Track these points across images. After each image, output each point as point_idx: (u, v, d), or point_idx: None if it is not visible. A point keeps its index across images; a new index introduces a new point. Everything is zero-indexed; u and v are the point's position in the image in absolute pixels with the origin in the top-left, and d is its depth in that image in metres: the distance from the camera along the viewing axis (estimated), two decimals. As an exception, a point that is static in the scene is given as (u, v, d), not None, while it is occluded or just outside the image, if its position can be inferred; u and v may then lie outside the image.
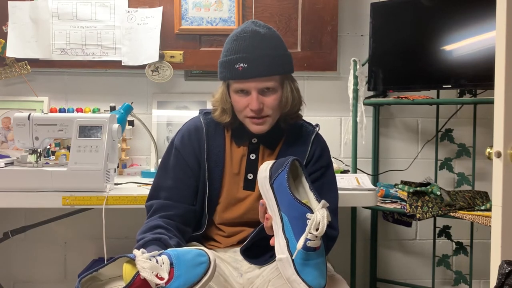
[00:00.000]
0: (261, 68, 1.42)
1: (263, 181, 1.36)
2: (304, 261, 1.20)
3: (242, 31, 1.45)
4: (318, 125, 1.61)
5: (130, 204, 1.79)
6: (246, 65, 1.41)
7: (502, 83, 1.22)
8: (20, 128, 1.85)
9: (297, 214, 1.23)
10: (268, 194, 1.34)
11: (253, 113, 1.45)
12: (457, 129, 2.38)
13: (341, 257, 2.36)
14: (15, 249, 2.44)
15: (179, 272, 1.15)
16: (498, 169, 1.23)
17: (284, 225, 1.25)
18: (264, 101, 1.45)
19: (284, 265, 1.21)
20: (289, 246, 1.22)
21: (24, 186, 1.79)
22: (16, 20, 2.36)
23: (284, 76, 1.50)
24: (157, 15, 2.38)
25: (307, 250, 1.20)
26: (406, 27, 2.25)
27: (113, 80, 2.46)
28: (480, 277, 2.47)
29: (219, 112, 1.54)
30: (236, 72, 1.43)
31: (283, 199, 1.29)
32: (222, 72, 1.49)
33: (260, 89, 1.44)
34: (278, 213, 1.28)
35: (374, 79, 2.29)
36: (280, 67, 1.47)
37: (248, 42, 1.43)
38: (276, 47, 1.48)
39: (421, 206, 2.03)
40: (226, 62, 1.45)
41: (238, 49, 1.43)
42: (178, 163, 1.54)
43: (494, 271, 1.14)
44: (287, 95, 1.49)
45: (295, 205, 1.25)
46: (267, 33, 1.46)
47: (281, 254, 1.22)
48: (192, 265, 1.18)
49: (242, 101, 1.46)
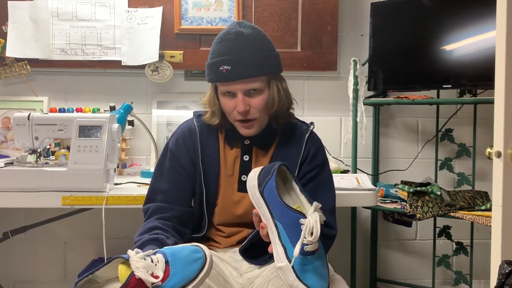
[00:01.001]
0: (245, 70, 1.42)
1: (253, 190, 1.36)
2: (304, 266, 1.20)
3: (226, 33, 1.45)
4: (312, 123, 1.60)
5: (130, 204, 1.79)
6: (230, 67, 1.41)
7: (502, 83, 1.22)
8: (19, 128, 1.85)
9: (290, 221, 1.24)
10: (259, 203, 1.33)
11: (240, 115, 1.45)
12: (457, 129, 2.38)
13: (341, 257, 2.36)
14: (15, 249, 2.44)
15: (175, 270, 1.15)
16: (498, 169, 1.23)
17: (279, 232, 1.26)
18: (251, 102, 1.45)
19: (285, 273, 1.21)
20: (287, 254, 1.22)
21: (24, 186, 1.79)
22: (16, 20, 2.35)
23: (271, 77, 1.49)
24: (157, 15, 2.38)
25: (305, 254, 1.20)
26: (406, 27, 2.25)
27: (113, 80, 2.46)
28: (480, 277, 2.47)
29: (209, 114, 1.54)
30: (221, 74, 1.43)
31: (275, 207, 1.28)
32: (208, 75, 1.49)
33: (245, 90, 1.44)
34: (272, 221, 1.28)
35: (374, 79, 2.29)
36: (265, 68, 1.46)
37: (232, 44, 1.42)
38: (261, 48, 1.46)
39: (421, 206, 2.03)
40: (212, 65, 1.46)
41: (222, 52, 1.43)
42: (173, 166, 1.54)
43: (494, 271, 1.13)
44: (273, 95, 1.48)
45: (287, 212, 1.25)
46: (252, 34, 1.45)
47: (280, 263, 1.23)
48: (188, 261, 1.17)
49: (230, 103, 1.46)
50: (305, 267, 1.20)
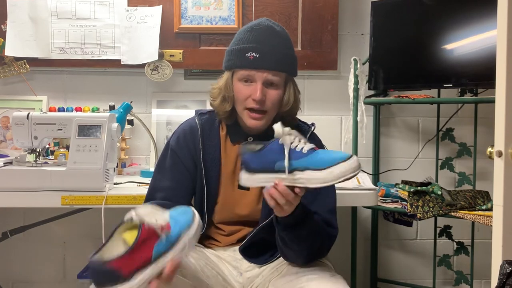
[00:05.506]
0: (271, 62, 1.45)
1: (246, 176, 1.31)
2: (314, 159, 1.22)
3: (257, 24, 1.49)
4: (313, 124, 1.61)
5: (129, 203, 1.78)
6: (258, 55, 1.44)
7: (503, 82, 1.22)
8: (19, 127, 1.84)
9: (270, 153, 1.25)
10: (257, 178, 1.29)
11: (255, 103, 1.46)
12: (458, 128, 2.37)
13: (341, 257, 2.35)
14: (14, 249, 2.44)
15: (173, 219, 1.18)
16: (499, 169, 1.23)
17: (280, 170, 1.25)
18: (267, 93, 1.47)
19: (309, 179, 1.22)
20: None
21: (23, 186, 1.78)
22: (15, 18, 2.35)
23: (289, 77, 1.52)
24: (157, 13, 2.37)
25: (308, 153, 1.23)
26: (407, 26, 2.24)
27: (112, 79, 2.45)
28: (481, 277, 2.46)
29: (220, 100, 1.53)
30: (246, 60, 1.45)
31: (261, 161, 1.27)
32: (230, 60, 1.49)
33: (265, 80, 1.46)
34: (275, 174, 1.26)
35: (374, 78, 2.28)
36: (288, 66, 1.50)
37: (263, 34, 1.46)
38: (287, 47, 1.51)
39: (421, 206, 2.02)
40: (237, 50, 1.47)
41: (252, 39, 1.46)
42: (175, 164, 1.54)
43: (495, 271, 1.13)
44: (289, 95, 1.51)
45: (263, 154, 1.26)
46: (281, 31, 1.50)
47: (300, 177, 1.23)
48: (180, 213, 1.21)
49: (245, 91, 1.47)
50: (318, 160, 1.21)
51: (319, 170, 1.20)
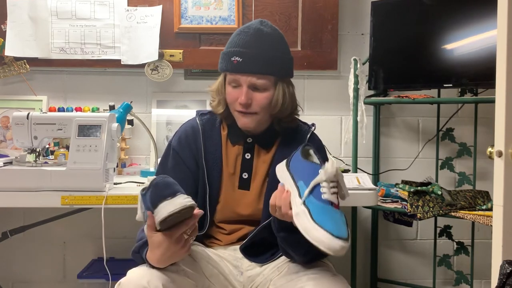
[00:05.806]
0: (254, 65, 1.46)
1: (281, 167, 1.37)
2: (321, 211, 1.19)
3: (246, 27, 1.50)
4: (314, 125, 1.62)
5: (129, 203, 1.78)
6: (241, 59, 1.45)
7: (503, 82, 1.22)
8: (18, 127, 1.84)
9: (311, 171, 1.25)
10: (284, 175, 1.33)
11: (241, 107, 1.48)
12: (458, 128, 2.37)
13: (341, 257, 2.34)
14: (14, 249, 2.44)
15: None
16: (499, 169, 1.23)
17: (299, 189, 1.25)
18: (254, 97, 1.48)
19: (300, 217, 1.21)
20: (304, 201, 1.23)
21: (23, 186, 1.78)
22: (15, 18, 2.35)
23: (279, 78, 1.51)
24: (157, 13, 2.37)
25: (324, 202, 1.20)
26: (407, 25, 2.24)
27: (112, 79, 2.45)
28: (481, 277, 2.46)
29: (216, 102, 1.57)
30: (231, 64, 1.47)
31: (296, 169, 1.30)
32: (221, 63, 1.53)
33: (250, 84, 1.47)
34: (294, 184, 1.28)
35: (374, 78, 2.28)
36: (274, 68, 1.49)
37: (248, 38, 1.47)
38: (275, 49, 1.50)
39: (422, 206, 2.02)
40: (225, 54, 1.50)
41: (238, 43, 1.47)
42: (177, 164, 1.55)
43: (495, 271, 1.13)
44: (277, 97, 1.50)
45: (307, 166, 1.27)
46: (270, 33, 1.49)
47: (296, 209, 1.22)
48: None
49: (234, 94, 1.50)
50: (323, 213, 1.18)
51: (312, 220, 1.18)
